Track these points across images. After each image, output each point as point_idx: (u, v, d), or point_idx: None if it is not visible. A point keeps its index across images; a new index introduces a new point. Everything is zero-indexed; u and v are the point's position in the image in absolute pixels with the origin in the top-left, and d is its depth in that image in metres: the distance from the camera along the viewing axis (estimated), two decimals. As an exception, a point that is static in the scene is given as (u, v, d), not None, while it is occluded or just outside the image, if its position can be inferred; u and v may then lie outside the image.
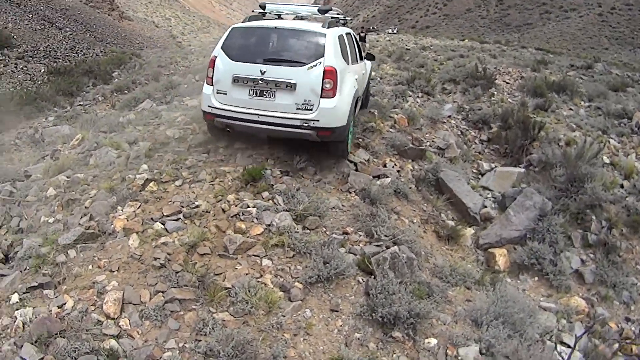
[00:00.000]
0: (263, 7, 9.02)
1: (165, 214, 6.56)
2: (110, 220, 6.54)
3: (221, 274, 5.61)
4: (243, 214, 6.57)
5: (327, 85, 7.22)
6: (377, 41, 38.26)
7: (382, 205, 7.45)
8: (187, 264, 5.62)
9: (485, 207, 8.98)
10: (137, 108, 13.06)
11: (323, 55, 7.32)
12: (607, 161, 11.63)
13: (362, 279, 6.03)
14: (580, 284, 8.02)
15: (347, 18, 10.26)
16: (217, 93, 7.59)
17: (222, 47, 7.72)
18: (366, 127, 10.36)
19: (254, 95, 7.38)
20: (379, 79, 16.99)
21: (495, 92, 16.64)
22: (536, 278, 7.81)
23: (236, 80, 7.42)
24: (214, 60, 7.67)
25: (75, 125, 17.00)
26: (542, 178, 10.06)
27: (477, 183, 10.14)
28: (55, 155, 9.57)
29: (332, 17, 8.82)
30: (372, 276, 5.99)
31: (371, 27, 76.25)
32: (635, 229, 9.10)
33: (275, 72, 7.26)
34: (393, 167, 9.20)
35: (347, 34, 9.10)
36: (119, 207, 6.82)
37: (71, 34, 34.16)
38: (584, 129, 13.74)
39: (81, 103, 20.46)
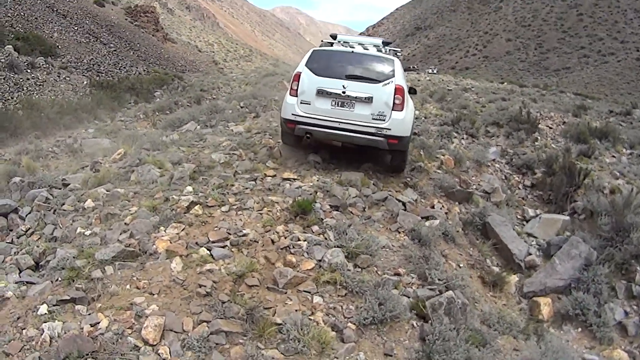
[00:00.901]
0: (334, 37, 10.21)
1: (211, 239, 6.35)
2: (152, 240, 6.31)
3: (271, 308, 5.34)
4: (293, 247, 6.35)
5: (397, 101, 8.57)
6: (418, 80, 38.38)
7: (432, 248, 7.36)
8: (234, 294, 5.37)
9: (530, 254, 8.75)
10: (181, 129, 13.02)
11: (394, 76, 8.75)
12: (652, 210, 11.20)
13: (417, 324, 5.76)
14: (623, 336, 7.63)
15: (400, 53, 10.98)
16: (301, 103, 8.75)
17: (305, 65, 8.98)
18: (414, 166, 10.22)
19: (336, 105, 8.64)
20: (423, 118, 16.95)
21: (539, 137, 16.41)
22: (579, 329, 7.52)
23: (320, 92, 8.64)
24: (299, 75, 8.88)
25: (115, 139, 17.16)
26: (587, 226, 9.78)
27: (522, 229, 9.86)
28: (96, 167, 9.52)
29: (393, 49, 10.12)
30: (426, 321, 5.76)
31: (411, 67, 76.59)
32: (678, 280, 8.79)
33: (355, 87, 8.59)
34: (441, 208, 9.05)
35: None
36: (161, 228, 6.62)
37: (115, 50, 34.77)
38: (627, 177, 13.49)
39: (122, 119, 20.67)
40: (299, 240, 6.50)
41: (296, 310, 5.30)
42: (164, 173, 8.63)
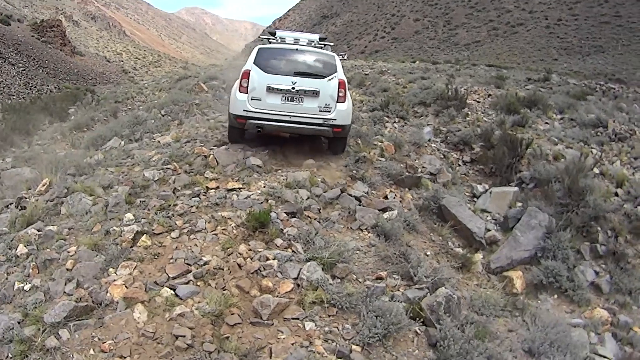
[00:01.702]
0: (273, 33, 10.93)
1: (170, 275, 5.75)
2: (103, 287, 5.63)
3: (265, 347, 4.81)
4: (264, 269, 5.89)
5: (341, 93, 9.41)
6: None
7: (399, 241, 7.38)
8: (219, 340, 4.81)
9: (489, 230, 8.88)
10: (105, 147, 12.15)
11: (336, 71, 9.58)
12: (597, 171, 11.61)
13: (419, 329, 5.55)
14: (599, 295, 8.07)
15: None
16: (252, 99, 9.29)
17: (254, 63, 9.50)
18: (358, 157, 10.09)
19: (286, 100, 9.28)
20: None
21: (469, 112, 16.66)
22: (556, 296, 7.77)
23: (270, 89, 9.23)
24: (249, 73, 9.36)
25: (36, 167, 16.03)
26: (539, 195, 9.99)
27: (474, 206, 10.00)
28: (21, 204, 8.58)
29: (327, 44, 11.02)
30: (427, 324, 5.63)
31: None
32: (638, 235, 9.20)
33: (304, 83, 9.25)
34: (394, 197, 9.08)
35: None
36: (110, 270, 5.96)
37: (24, 70, 32.95)
38: (565, 142, 13.86)
39: (39, 142, 19.39)
40: (267, 259, 6.08)
41: (292, 344, 4.84)
42: (97, 200, 7.95)
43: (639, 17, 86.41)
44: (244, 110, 9.30)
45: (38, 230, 7.26)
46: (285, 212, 7.30)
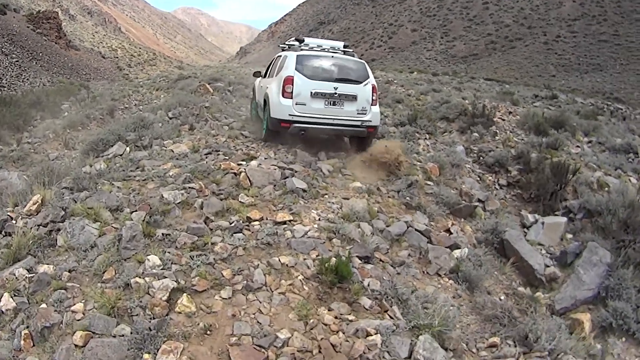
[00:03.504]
0: (301, 40, 11.49)
1: None
2: None
3: None
4: (369, 349, 4.35)
5: (374, 97, 10.33)
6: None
7: (482, 288, 6.82)
8: None
9: (547, 266, 8.20)
10: (107, 154, 10.14)
11: (369, 77, 10.46)
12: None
13: None
14: None
15: None
16: (297, 104, 9.78)
17: (295, 69, 9.96)
18: (410, 182, 9.19)
19: (329, 105, 9.93)
20: None
21: (497, 131, 16.07)
22: (624, 339, 7.05)
23: (315, 94, 9.83)
24: (292, 79, 9.83)
25: (25, 171, 14.38)
26: (589, 227, 9.57)
27: (525, 237, 9.15)
28: (6, 228, 6.60)
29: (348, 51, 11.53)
30: None
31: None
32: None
33: (344, 88, 9.97)
34: (457, 231, 8.21)
35: None
36: (145, 356, 4.18)
37: (17, 61, 31.10)
38: (603, 168, 13.05)
39: (29, 140, 17.71)
40: (369, 335, 4.58)
41: None
42: (104, 229, 6.17)
43: (637, 36, 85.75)
44: (290, 115, 9.76)
45: (28, 271, 5.50)
46: (357, 257, 6.14)
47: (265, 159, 9.26)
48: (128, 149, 10.31)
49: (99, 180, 8.04)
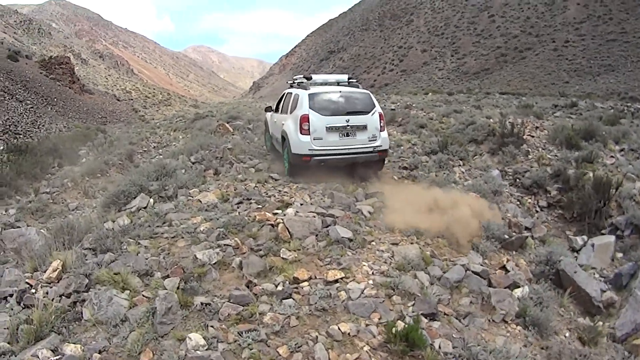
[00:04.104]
0: (309, 78, 12.57)
1: None
2: None
3: None
4: None
5: (382, 124, 11.23)
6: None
7: (549, 330, 6.30)
8: None
9: (604, 291, 7.90)
10: (130, 207, 9.43)
11: (375, 106, 11.30)
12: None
13: None
14: None
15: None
16: (315, 140, 10.58)
17: (310, 107, 10.76)
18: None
19: (343, 136, 10.78)
20: (397, 146, 16.25)
21: (530, 149, 15.79)
22: None
23: (330, 128, 10.65)
24: (308, 117, 10.63)
25: (43, 222, 13.92)
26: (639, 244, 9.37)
27: (577, 261, 8.80)
28: (25, 301, 5.86)
29: (355, 83, 12.65)
30: None
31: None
32: None
33: (355, 120, 10.83)
34: (513, 268, 7.65)
35: None
36: None
37: (32, 107, 30.91)
38: None
39: (47, 190, 17.27)
40: None
41: None
42: (135, 300, 5.49)
43: None
44: (309, 150, 10.53)
45: (53, 352, 4.80)
46: (422, 314, 5.62)
47: (301, 205, 8.68)
48: (152, 200, 9.62)
49: (124, 239, 7.37)
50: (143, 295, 5.57)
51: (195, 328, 4.91)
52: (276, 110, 13.56)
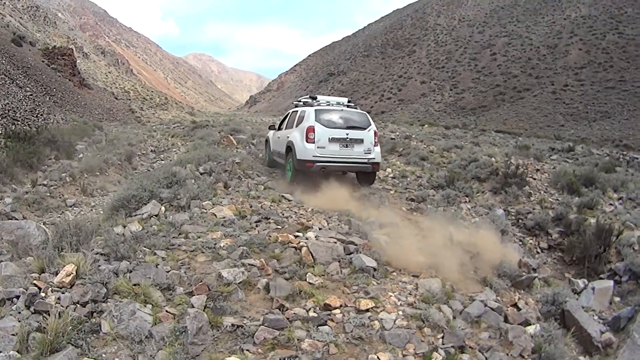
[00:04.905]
0: (314, 97, 14.05)
1: None
2: None
3: None
4: None
5: (376, 140, 12.67)
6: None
7: None
8: None
9: (603, 332, 8.01)
10: (140, 213, 9.14)
11: (371, 124, 12.85)
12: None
13: None
14: None
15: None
16: (318, 148, 11.96)
17: (315, 120, 12.22)
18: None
19: (343, 147, 12.22)
20: (401, 177, 16.75)
21: (532, 191, 16.13)
22: None
23: (332, 139, 12.09)
24: (313, 128, 12.08)
25: (40, 216, 13.98)
26: (636, 290, 9.63)
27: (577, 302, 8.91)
28: (36, 306, 5.33)
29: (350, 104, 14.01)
30: None
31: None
32: None
33: (353, 134, 12.31)
34: (524, 305, 7.73)
35: None
36: None
37: (31, 95, 30.25)
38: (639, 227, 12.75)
39: (45, 182, 16.80)
40: None
41: None
42: (159, 316, 5.22)
43: None
44: (313, 156, 11.92)
45: (72, 369, 4.44)
46: (452, 347, 5.73)
47: (320, 229, 8.55)
48: (163, 208, 9.40)
49: (138, 247, 7.07)
50: (167, 311, 5.32)
51: (229, 351, 4.70)
52: (279, 128, 15.22)
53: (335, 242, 7.65)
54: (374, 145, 12.53)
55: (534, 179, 17.96)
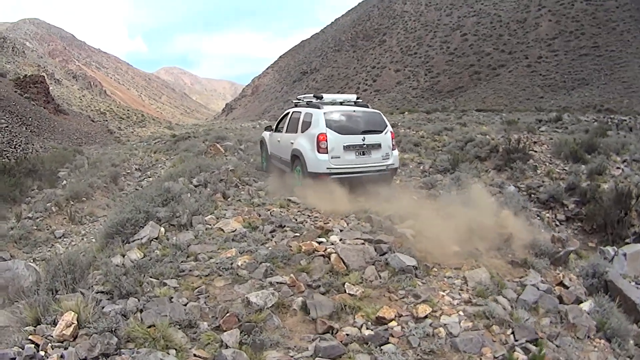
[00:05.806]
0: (320, 97, 12.35)
1: None
2: None
3: None
4: None
5: (393, 142, 11.40)
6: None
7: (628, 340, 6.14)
8: None
9: None
10: (139, 237, 8.02)
11: (387, 125, 11.41)
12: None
13: None
14: None
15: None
16: (332, 158, 10.58)
17: (326, 126, 10.70)
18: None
19: (359, 155, 10.88)
20: (400, 165, 15.40)
21: (537, 165, 16.12)
22: None
23: (347, 147, 10.70)
24: (325, 136, 10.56)
25: (28, 252, 13.27)
26: None
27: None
28: None
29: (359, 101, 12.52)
30: None
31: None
32: None
33: (370, 139, 10.93)
34: (570, 282, 7.34)
35: None
36: None
37: (7, 127, 29.37)
38: None
39: (30, 215, 15.95)
40: None
41: None
42: None
43: (616, 45, 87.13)
44: (327, 168, 10.54)
45: None
46: (527, 342, 5.26)
47: (341, 230, 7.76)
48: (163, 229, 8.49)
49: (144, 279, 6.14)
50: (196, 356, 4.46)
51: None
52: (276, 129, 13.65)
53: (364, 243, 6.97)
54: (392, 149, 11.24)
55: (535, 151, 17.80)
